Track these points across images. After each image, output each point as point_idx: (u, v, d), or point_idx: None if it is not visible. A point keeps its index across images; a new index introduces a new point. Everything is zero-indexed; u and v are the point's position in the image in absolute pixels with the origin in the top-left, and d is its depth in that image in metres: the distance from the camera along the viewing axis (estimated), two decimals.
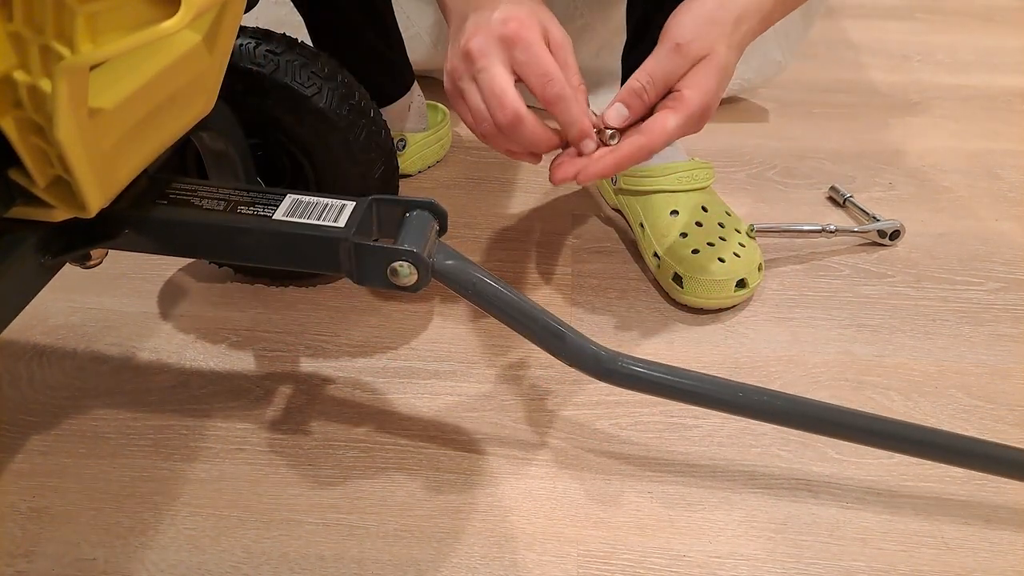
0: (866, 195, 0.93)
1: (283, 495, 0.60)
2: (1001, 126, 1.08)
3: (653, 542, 0.57)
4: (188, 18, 0.34)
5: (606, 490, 0.61)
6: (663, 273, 0.78)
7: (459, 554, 0.57)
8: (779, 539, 0.58)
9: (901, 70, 1.23)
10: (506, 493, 0.61)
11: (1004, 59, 1.26)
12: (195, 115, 0.52)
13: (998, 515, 0.59)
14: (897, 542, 0.57)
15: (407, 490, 0.61)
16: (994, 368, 0.71)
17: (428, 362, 0.72)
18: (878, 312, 0.77)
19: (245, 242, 0.50)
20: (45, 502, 0.60)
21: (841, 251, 0.85)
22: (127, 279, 0.80)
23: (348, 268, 0.49)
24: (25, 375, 0.70)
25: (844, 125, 1.08)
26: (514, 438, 0.65)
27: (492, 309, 0.50)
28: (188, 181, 0.52)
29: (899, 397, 0.68)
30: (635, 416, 0.66)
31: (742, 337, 0.74)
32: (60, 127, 0.37)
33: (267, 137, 0.68)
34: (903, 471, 0.62)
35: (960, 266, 0.83)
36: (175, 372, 0.71)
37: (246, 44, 0.63)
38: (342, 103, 0.65)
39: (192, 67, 0.48)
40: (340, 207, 0.51)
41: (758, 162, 1.00)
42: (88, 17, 0.34)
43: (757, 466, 0.63)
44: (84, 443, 0.64)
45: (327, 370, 0.71)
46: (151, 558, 0.56)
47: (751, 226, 0.81)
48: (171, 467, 0.62)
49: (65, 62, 0.34)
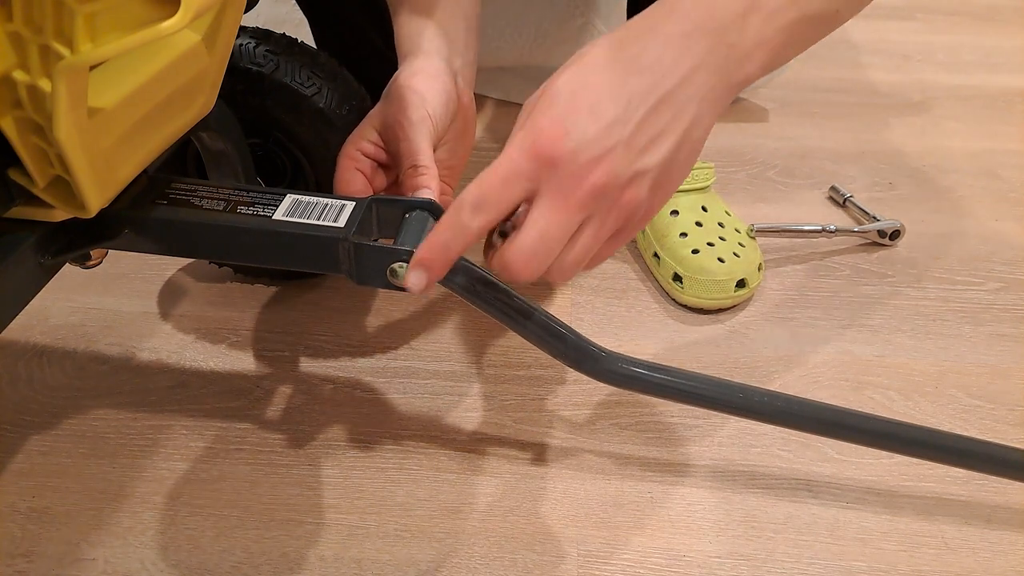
0: (866, 195, 0.93)
1: (283, 495, 0.60)
2: (1002, 126, 1.08)
3: (653, 542, 0.57)
4: (188, 18, 0.34)
5: (606, 490, 0.61)
6: (663, 273, 0.78)
7: (459, 554, 0.57)
8: (779, 539, 0.58)
9: (901, 70, 1.23)
10: (506, 493, 0.61)
11: (1004, 59, 1.26)
12: (195, 115, 0.52)
13: (999, 515, 0.59)
14: (897, 542, 0.57)
15: (407, 490, 0.61)
16: (994, 368, 0.71)
17: (428, 362, 0.72)
18: (878, 312, 0.77)
19: (245, 242, 0.50)
20: (45, 502, 0.60)
21: (841, 251, 0.85)
22: (127, 279, 0.80)
23: (348, 268, 0.49)
24: (25, 375, 0.70)
25: (844, 125, 1.08)
26: (514, 438, 0.65)
27: (492, 310, 0.50)
28: (188, 181, 0.52)
29: (899, 397, 0.68)
30: (635, 416, 0.66)
31: (742, 337, 0.74)
32: (60, 127, 0.37)
33: (267, 137, 0.67)
34: (903, 471, 0.62)
35: (960, 266, 0.83)
36: (175, 372, 0.70)
37: (246, 44, 0.63)
38: (342, 103, 0.65)
39: (192, 67, 0.48)
40: (340, 207, 0.51)
41: (758, 162, 1.00)
42: (87, 17, 0.33)
43: (757, 466, 0.63)
44: (84, 443, 0.64)
45: (327, 370, 0.71)
46: (151, 558, 0.56)
47: (751, 226, 0.81)
48: (171, 467, 0.62)
49: (65, 62, 0.34)
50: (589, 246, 0.43)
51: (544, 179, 0.40)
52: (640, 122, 0.41)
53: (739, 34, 0.41)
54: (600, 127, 0.40)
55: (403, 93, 0.54)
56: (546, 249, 0.42)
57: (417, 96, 0.54)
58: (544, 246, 0.41)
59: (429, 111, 0.53)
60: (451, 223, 0.42)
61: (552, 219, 0.41)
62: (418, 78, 0.54)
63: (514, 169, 0.40)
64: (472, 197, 0.41)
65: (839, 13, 0.44)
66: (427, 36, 0.57)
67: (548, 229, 0.41)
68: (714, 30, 0.41)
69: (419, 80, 0.54)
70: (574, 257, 0.43)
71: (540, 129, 0.40)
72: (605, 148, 0.40)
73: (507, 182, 0.41)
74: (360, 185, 0.56)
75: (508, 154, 0.41)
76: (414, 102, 0.53)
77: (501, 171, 0.41)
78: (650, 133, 0.41)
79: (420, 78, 0.55)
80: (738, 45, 0.41)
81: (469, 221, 0.41)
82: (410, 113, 0.53)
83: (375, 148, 0.57)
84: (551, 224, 0.41)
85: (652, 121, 0.41)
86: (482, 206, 0.41)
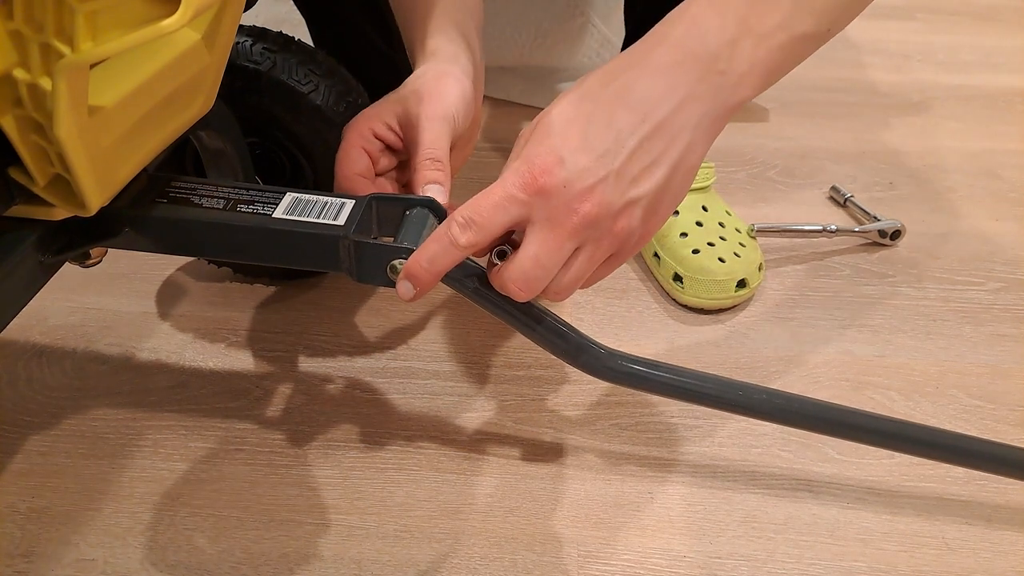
0: (867, 195, 0.93)
1: (283, 495, 0.60)
2: (1002, 126, 1.08)
3: (653, 542, 0.57)
4: (188, 16, 0.34)
5: (606, 490, 0.61)
6: (663, 273, 0.78)
7: (459, 554, 0.56)
8: (779, 539, 0.58)
9: (902, 70, 1.23)
10: (506, 493, 0.61)
11: (1004, 59, 1.26)
12: (195, 113, 0.52)
13: (1000, 515, 0.59)
14: (898, 542, 0.57)
15: (407, 490, 0.61)
16: (995, 368, 0.71)
17: (428, 362, 0.71)
18: (879, 312, 0.77)
19: (245, 240, 0.50)
20: (45, 502, 0.60)
21: (842, 251, 0.85)
22: (126, 279, 0.80)
23: (348, 266, 0.49)
24: (24, 375, 0.70)
25: (845, 125, 1.08)
26: (514, 438, 0.65)
27: (493, 308, 0.50)
28: (187, 179, 0.52)
29: (900, 397, 0.68)
30: (635, 416, 0.66)
31: (742, 337, 0.74)
32: (60, 125, 0.37)
33: (264, 135, 0.67)
34: (904, 471, 0.62)
35: (961, 266, 0.83)
36: (174, 372, 0.70)
37: (243, 42, 0.63)
38: (339, 100, 0.65)
39: (192, 65, 0.48)
40: (340, 205, 0.51)
41: (758, 162, 1.00)
42: (88, 15, 0.33)
43: (757, 466, 0.63)
44: (83, 443, 0.64)
45: (327, 370, 0.71)
46: (151, 558, 0.56)
47: (751, 226, 0.81)
48: (170, 467, 0.62)
49: (65, 60, 0.34)
50: (584, 270, 0.45)
51: (537, 208, 0.42)
52: (631, 152, 0.42)
53: (729, 61, 0.42)
54: (591, 158, 0.41)
55: (431, 89, 0.54)
56: (541, 273, 0.44)
57: (444, 95, 0.54)
58: (538, 270, 0.43)
59: (453, 112, 0.54)
60: (440, 238, 0.44)
61: (545, 246, 0.43)
62: (446, 80, 0.55)
63: (507, 196, 0.42)
64: (463, 217, 0.43)
65: (830, 31, 0.45)
66: (448, 39, 0.58)
67: (541, 255, 0.43)
68: (704, 58, 0.42)
69: (446, 82, 0.55)
70: (569, 280, 0.45)
71: (534, 159, 0.41)
72: (597, 178, 0.41)
73: (498, 208, 0.42)
74: (363, 166, 0.55)
75: (504, 180, 0.42)
76: (442, 100, 0.54)
77: (495, 196, 0.42)
78: (642, 163, 0.42)
79: (448, 80, 0.55)
80: (729, 72, 0.42)
81: (457, 238, 0.43)
82: (437, 109, 0.53)
83: (391, 134, 0.56)
84: (544, 251, 0.43)
85: (644, 151, 0.42)
86: (471, 227, 0.43)
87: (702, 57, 0.42)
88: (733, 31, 0.42)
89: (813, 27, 0.43)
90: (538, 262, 0.43)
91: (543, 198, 0.41)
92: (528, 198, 0.42)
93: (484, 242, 0.44)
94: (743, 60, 0.42)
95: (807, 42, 0.45)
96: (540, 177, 0.41)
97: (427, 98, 0.53)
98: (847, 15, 0.46)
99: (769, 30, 0.42)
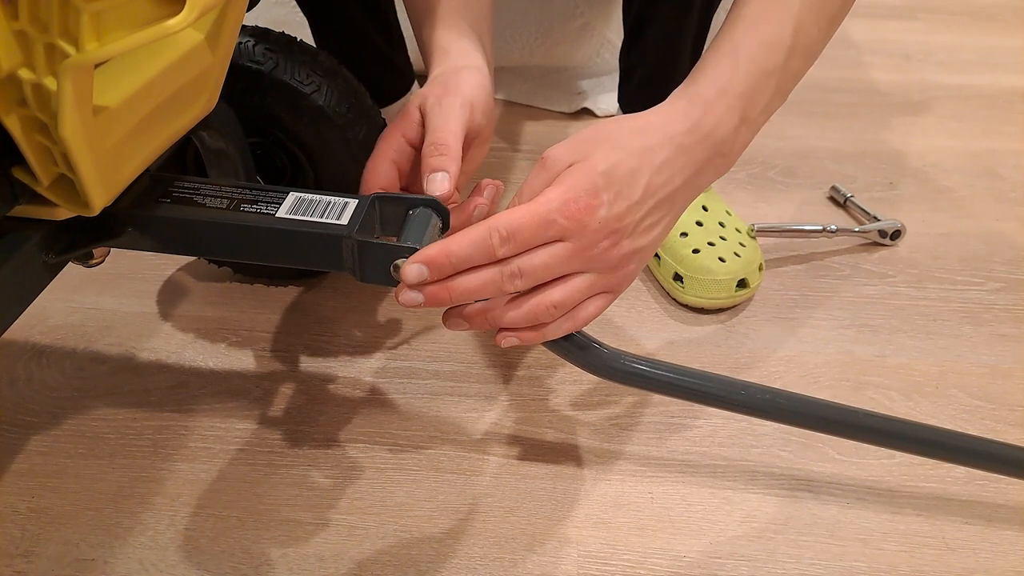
0: (867, 195, 0.93)
1: (283, 495, 0.60)
2: (1002, 126, 1.08)
3: (653, 542, 0.57)
4: (192, 17, 0.34)
5: (606, 490, 0.61)
6: (663, 273, 0.78)
7: (459, 554, 0.57)
8: (780, 539, 0.58)
9: (902, 70, 1.23)
10: (506, 493, 0.61)
11: (1005, 59, 1.26)
12: (197, 113, 0.52)
13: (999, 515, 0.59)
14: (898, 542, 0.57)
15: (407, 490, 0.61)
16: (995, 368, 0.71)
17: (428, 362, 0.71)
18: (879, 312, 0.77)
19: (248, 240, 0.50)
20: (45, 502, 0.60)
21: (842, 251, 0.85)
22: (126, 279, 0.80)
23: (351, 266, 0.49)
24: (24, 375, 0.70)
25: (845, 124, 1.08)
26: (514, 438, 0.65)
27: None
28: (190, 179, 0.52)
29: (900, 397, 0.68)
30: (636, 416, 0.66)
31: (742, 337, 0.74)
32: (65, 125, 0.37)
33: (266, 135, 0.67)
34: (904, 471, 0.62)
35: (961, 266, 0.83)
36: (174, 372, 0.70)
37: (245, 42, 0.63)
38: (341, 101, 0.65)
39: (195, 66, 0.48)
40: (343, 204, 0.51)
41: (758, 162, 1.00)
42: (93, 15, 0.33)
43: (758, 466, 0.63)
44: (83, 443, 0.64)
45: (327, 370, 0.71)
46: (151, 558, 0.56)
47: (752, 226, 0.81)
48: (170, 467, 0.62)
49: (70, 60, 0.34)
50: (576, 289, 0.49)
51: (570, 233, 0.46)
52: (650, 210, 0.48)
53: (732, 145, 0.50)
54: (624, 207, 0.47)
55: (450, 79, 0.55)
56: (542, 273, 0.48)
57: (462, 84, 0.55)
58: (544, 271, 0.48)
59: (472, 99, 0.54)
60: (480, 243, 0.46)
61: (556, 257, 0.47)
62: (464, 72, 0.56)
63: (550, 219, 0.46)
64: (506, 229, 0.46)
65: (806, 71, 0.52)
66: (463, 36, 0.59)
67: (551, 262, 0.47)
68: (716, 144, 0.49)
69: (464, 73, 0.55)
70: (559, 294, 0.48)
71: (579, 195, 0.46)
72: (623, 224, 0.47)
73: (541, 227, 0.46)
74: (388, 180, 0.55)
75: (548, 202, 0.46)
76: (459, 88, 0.54)
77: (539, 215, 0.46)
78: (653, 219, 0.49)
79: (465, 72, 0.56)
80: (731, 154, 0.50)
81: (497, 248, 0.46)
82: (452, 95, 0.54)
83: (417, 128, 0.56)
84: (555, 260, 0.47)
85: (657, 210, 0.49)
86: (513, 239, 0.46)
87: (715, 143, 0.49)
88: (736, 120, 0.49)
89: (796, 80, 0.51)
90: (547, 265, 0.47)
91: (580, 227, 0.46)
92: (567, 224, 0.46)
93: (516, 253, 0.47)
94: (740, 143, 0.50)
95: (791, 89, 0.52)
96: (584, 213, 0.46)
97: (447, 87, 0.54)
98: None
99: (756, 115, 0.50)
